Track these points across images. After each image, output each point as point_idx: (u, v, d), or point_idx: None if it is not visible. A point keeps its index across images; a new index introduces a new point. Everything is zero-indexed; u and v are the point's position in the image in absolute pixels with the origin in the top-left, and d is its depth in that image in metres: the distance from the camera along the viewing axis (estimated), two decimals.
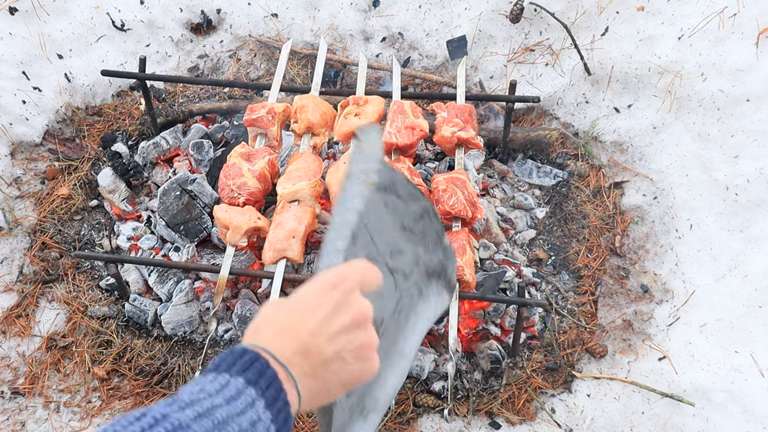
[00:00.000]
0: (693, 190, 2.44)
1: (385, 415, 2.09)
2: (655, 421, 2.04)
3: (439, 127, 2.30)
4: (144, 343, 2.29)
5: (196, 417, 0.58)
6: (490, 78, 2.87)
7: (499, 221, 2.48)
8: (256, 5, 3.12)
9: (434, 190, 2.16)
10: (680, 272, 2.33)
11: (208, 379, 0.64)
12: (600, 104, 2.71)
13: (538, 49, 2.84)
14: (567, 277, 2.42)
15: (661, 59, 2.61)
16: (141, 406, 2.15)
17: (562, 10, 2.78)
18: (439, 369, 2.18)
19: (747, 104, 2.43)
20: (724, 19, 2.55)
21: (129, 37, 3.03)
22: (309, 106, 2.32)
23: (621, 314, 2.31)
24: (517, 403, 2.13)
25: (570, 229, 2.52)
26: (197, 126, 2.71)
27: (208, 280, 2.35)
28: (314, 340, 0.67)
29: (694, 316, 2.22)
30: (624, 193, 2.56)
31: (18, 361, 2.28)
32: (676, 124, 2.55)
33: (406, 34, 3.01)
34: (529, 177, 2.63)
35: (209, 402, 0.60)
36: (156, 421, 0.56)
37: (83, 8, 2.98)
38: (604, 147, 2.66)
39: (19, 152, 2.73)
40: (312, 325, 0.67)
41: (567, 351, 2.23)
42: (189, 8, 3.12)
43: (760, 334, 2.13)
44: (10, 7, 2.84)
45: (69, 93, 2.86)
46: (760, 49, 2.46)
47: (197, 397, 0.60)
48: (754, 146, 2.39)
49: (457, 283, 1.97)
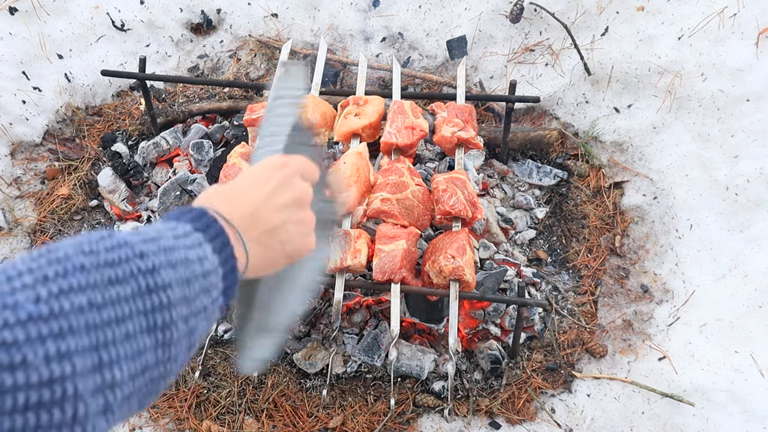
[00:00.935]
0: (693, 190, 2.44)
1: (385, 415, 2.09)
2: (655, 421, 2.04)
3: (439, 127, 2.30)
4: None
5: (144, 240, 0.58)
6: (490, 78, 2.87)
7: (499, 221, 2.47)
8: (256, 5, 3.12)
9: (434, 190, 2.16)
10: (680, 272, 2.33)
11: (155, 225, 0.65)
12: (600, 104, 2.71)
13: (538, 49, 2.84)
14: (567, 277, 2.42)
15: (661, 59, 2.61)
16: None
17: (562, 10, 2.78)
18: (439, 369, 2.18)
19: (747, 104, 2.43)
20: (724, 19, 2.55)
21: (129, 37, 3.03)
22: (309, 106, 2.32)
23: (621, 314, 2.31)
24: (517, 403, 2.13)
25: (570, 229, 2.52)
26: (197, 126, 2.71)
27: None
28: (262, 208, 0.72)
29: (694, 316, 2.22)
30: (624, 193, 2.56)
31: None
32: (676, 124, 2.55)
33: (406, 34, 3.01)
34: (529, 177, 2.63)
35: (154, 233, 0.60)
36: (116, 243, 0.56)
37: (83, 8, 2.98)
38: (604, 147, 2.66)
39: (19, 152, 2.73)
40: (261, 195, 0.73)
41: (567, 351, 2.23)
42: (189, 8, 3.12)
43: (760, 334, 2.13)
44: (10, 7, 2.84)
45: (69, 93, 2.86)
46: (760, 49, 2.46)
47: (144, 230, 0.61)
48: (754, 146, 2.39)
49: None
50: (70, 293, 0.47)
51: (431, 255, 2.03)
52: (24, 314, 0.43)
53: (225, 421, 2.11)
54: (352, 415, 2.11)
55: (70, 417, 0.44)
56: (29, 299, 0.44)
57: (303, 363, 2.18)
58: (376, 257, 2.00)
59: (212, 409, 2.13)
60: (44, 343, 0.43)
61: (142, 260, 0.55)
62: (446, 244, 2.01)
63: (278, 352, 0.90)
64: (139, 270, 0.55)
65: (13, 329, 0.42)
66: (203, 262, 0.62)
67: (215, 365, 2.22)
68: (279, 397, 2.14)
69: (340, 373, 2.19)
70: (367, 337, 2.18)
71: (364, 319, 2.24)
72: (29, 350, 0.42)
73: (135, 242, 0.57)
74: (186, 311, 0.59)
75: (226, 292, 0.66)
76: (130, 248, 0.56)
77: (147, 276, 0.55)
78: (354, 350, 2.18)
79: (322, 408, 2.13)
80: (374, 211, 2.10)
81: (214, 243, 0.65)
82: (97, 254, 0.52)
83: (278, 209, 0.73)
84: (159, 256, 0.57)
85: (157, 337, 0.55)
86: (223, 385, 2.18)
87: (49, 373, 0.43)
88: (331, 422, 2.09)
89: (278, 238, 0.73)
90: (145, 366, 0.54)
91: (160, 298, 0.55)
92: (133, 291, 0.53)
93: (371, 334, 2.17)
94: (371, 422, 2.09)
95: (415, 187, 2.15)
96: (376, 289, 2.07)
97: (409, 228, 2.09)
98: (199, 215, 0.66)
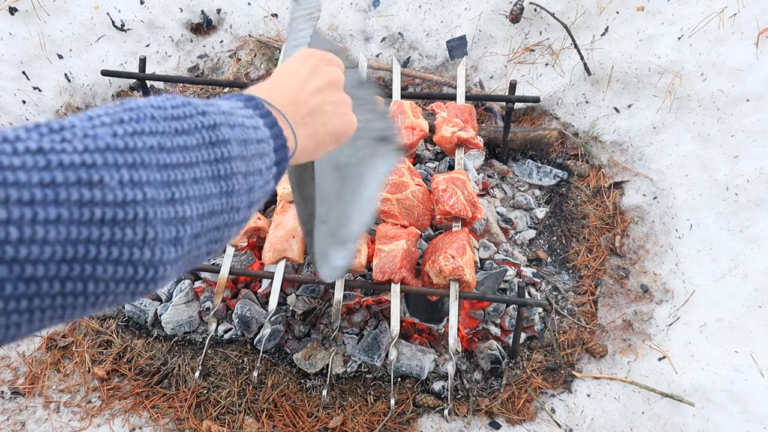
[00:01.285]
0: (693, 190, 2.44)
1: (385, 415, 2.09)
2: (655, 421, 2.04)
3: (439, 127, 2.30)
4: (144, 343, 2.29)
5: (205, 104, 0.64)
6: (490, 78, 2.87)
7: (499, 221, 2.47)
8: (256, 5, 3.12)
9: (434, 190, 2.16)
10: (680, 272, 2.33)
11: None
12: (600, 104, 2.71)
13: (538, 49, 2.84)
14: (567, 277, 2.42)
15: (661, 59, 2.61)
16: (141, 406, 2.15)
17: (562, 10, 2.78)
18: (439, 369, 2.18)
19: (747, 104, 2.43)
20: (724, 19, 2.55)
21: (129, 37, 3.03)
22: None
23: (621, 314, 2.31)
24: (517, 403, 2.13)
25: (570, 229, 2.52)
26: None
27: (208, 280, 2.35)
28: (299, 94, 0.78)
29: (694, 316, 2.22)
30: (624, 193, 2.56)
31: (18, 361, 2.28)
32: (676, 124, 2.55)
33: (406, 34, 3.01)
34: (529, 177, 2.63)
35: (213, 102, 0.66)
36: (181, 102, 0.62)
37: (83, 8, 2.98)
38: (604, 147, 2.66)
39: None
40: (295, 85, 0.79)
41: (567, 351, 2.23)
42: (189, 8, 3.12)
43: (760, 334, 2.13)
44: (10, 7, 2.84)
45: (69, 93, 2.86)
46: (760, 49, 2.46)
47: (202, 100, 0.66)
48: (754, 146, 2.39)
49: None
50: (143, 135, 0.53)
51: (431, 255, 2.03)
52: (103, 144, 0.49)
53: (225, 421, 2.11)
54: (352, 415, 2.11)
55: (140, 238, 0.50)
56: (107, 133, 0.50)
57: (303, 363, 2.18)
58: (376, 257, 2.01)
59: (212, 409, 2.13)
60: (119, 170, 0.49)
61: (204, 117, 0.61)
62: (446, 244, 2.01)
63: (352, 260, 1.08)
64: (203, 125, 0.60)
65: (93, 154, 0.48)
66: (257, 130, 0.67)
67: (215, 365, 2.22)
68: (279, 397, 2.14)
69: (340, 373, 2.19)
70: (367, 337, 2.18)
71: (364, 319, 2.24)
72: (106, 173, 0.48)
73: (197, 103, 0.62)
74: (244, 168, 0.64)
75: (278, 165, 0.71)
76: (194, 107, 0.61)
77: (209, 130, 0.61)
78: (354, 350, 2.18)
79: (322, 408, 2.13)
80: None
81: (265, 120, 0.70)
82: (164, 109, 0.58)
83: (313, 93, 0.79)
84: (219, 116, 0.63)
85: (220, 186, 0.60)
86: (223, 385, 2.18)
87: (123, 195, 0.49)
88: (331, 422, 2.09)
89: (319, 120, 0.79)
90: (211, 210, 0.59)
91: (221, 151, 0.61)
92: (198, 142, 0.59)
93: (371, 334, 2.17)
94: (371, 422, 2.09)
95: (415, 187, 2.15)
96: (376, 289, 2.07)
97: (409, 228, 2.09)
98: (249, 98, 0.71)
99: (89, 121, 0.51)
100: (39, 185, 0.44)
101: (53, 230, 0.44)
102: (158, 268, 0.53)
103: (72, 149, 0.47)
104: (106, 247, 0.48)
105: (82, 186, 0.46)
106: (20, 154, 0.44)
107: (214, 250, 0.63)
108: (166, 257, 0.53)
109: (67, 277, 0.46)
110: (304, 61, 0.83)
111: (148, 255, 0.51)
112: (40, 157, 0.45)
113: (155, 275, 0.53)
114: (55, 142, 0.46)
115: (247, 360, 2.23)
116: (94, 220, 0.46)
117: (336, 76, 0.83)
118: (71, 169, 0.46)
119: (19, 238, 0.42)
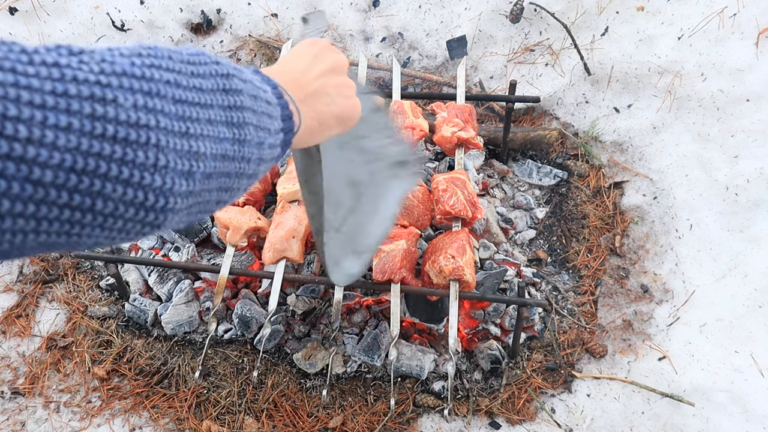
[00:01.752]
0: (693, 190, 2.44)
1: (385, 415, 2.09)
2: (655, 421, 2.04)
3: (439, 127, 2.30)
4: (144, 343, 2.29)
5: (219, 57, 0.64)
6: (490, 78, 2.87)
7: (499, 221, 2.48)
8: (256, 5, 3.12)
9: (434, 190, 2.16)
10: (680, 272, 2.33)
11: None
12: (600, 104, 2.71)
13: (538, 49, 2.84)
14: (567, 277, 2.42)
15: (661, 59, 2.61)
16: (141, 406, 2.15)
17: (562, 10, 2.79)
18: (439, 369, 2.18)
19: (747, 104, 2.43)
20: (724, 19, 2.55)
21: (129, 37, 3.03)
22: None
23: (621, 314, 2.31)
24: (517, 403, 2.13)
25: (570, 229, 2.52)
26: None
27: (208, 280, 2.35)
28: (303, 77, 0.79)
29: (694, 316, 2.22)
30: (624, 193, 2.56)
31: (18, 361, 2.28)
32: (676, 124, 2.56)
33: (406, 34, 3.01)
34: (529, 177, 2.63)
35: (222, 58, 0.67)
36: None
37: (83, 8, 2.98)
38: (604, 147, 2.66)
39: None
40: (299, 67, 0.80)
41: (567, 351, 2.23)
42: (189, 8, 3.12)
43: (760, 334, 2.13)
44: (10, 7, 2.83)
45: None
46: (760, 49, 2.46)
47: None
48: (754, 146, 2.39)
49: (463, 285, 1.96)
50: (161, 69, 0.53)
51: (431, 255, 2.03)
52: (120, 68, 0.49)
53: (225, 421, 2.11)
54: (352, 415, 2.11)
55: (152, 163, 0.50)
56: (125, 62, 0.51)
57: (303, 363, 2.18)
58: (376, 257, 2.01)
59: (212, 409, 2.13)
60: (134, 94, 0.49)
61: (218, 66, 0.61)
62: (446, 244, 2.01)
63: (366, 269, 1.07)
64: (217, 73, 0.61)
65: (109, 76, 0.48)
66: (266, 92, 0.68)
67: (215, 365, 2.22)
68: (279, 397, 2.14)
69: (340, 373, 2.19)
70: (367, 337, 2.18)
71: (364, 319, 2.24)
72: (120, 94, 0.48)
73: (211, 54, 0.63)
74: (255, 121, 0.64)
75: (285, 134, 0.71)
76: (208, 57, 0.62)
77: (223, 78, 0.61)
78: (354, 350, 2.18)
79: (322, 408, 2.13)
80: None
81: (273, 90, 0.70)
82: (180, 53, 0.58)
83: (317, 77, 0.80)
84: (232, 69, 0.63)
85: (234, 132, 0.60)
86: (223, 385, 2.18)
87: (136, 118, 0.49)
88: (331, 422, 2.09)
89: (322, 101, 0.79)
90: (224, 153, 0.59)
91: (234, 99, 0.61)
92: (212, 87, 0.59)
93: (371, 334, 2.17)
94: (371, 422, 2.09)
95: (415, 187, 2.15)
96: (376, 289, 2.07)
97: (409, 228, 2.09)
98: (255, 71, 0.71)
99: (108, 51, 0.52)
100: (51, 93, 0.44)
101: (63, 137, 0.44)
102: (168, 197, 0.52)
103: (88, 69, 0.47)
104: (117, 166, 0.47)
105: (95, 101, 0.46)
106: (36, 64, 0.44)
107: (223, 200, 0.63)
108: (177, 188, 0.53)
109: (76, 189, 0.46)
110: (308, 47, 0.84)
111: (159, 181, 0.51)
112: (55, 69, 0.45)
113: (165, 205, 0.52)
114: (73, 60, 0.47)
115: (247, 360, 2.23)
116: (106, 136, 0.46)
117: (339, 61, 0.84)
118: (85, 84, 0.46)
119: (27, 138, 0.42)
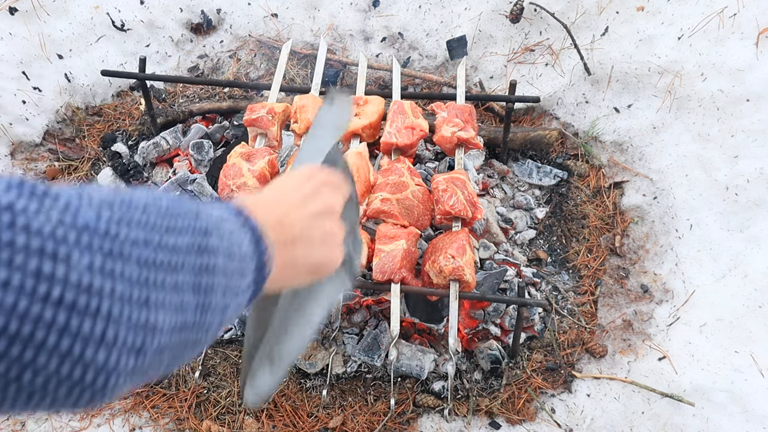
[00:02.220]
0: (693, 190, 2.44)
1: (385, 415, 2.09)
2: (655, 421, 2.04)
3: (439, 127, 2.30)
4: None
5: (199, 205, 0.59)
6: (490, 78, 2.87)
7: (499, 221, 2.48)
8: (256, 5, 3.12)
9: (434, 190, 2.16)
10: (680, 272, 2.33)
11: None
12: (600, 104, 2.71)
13: (538, 49, 2.84)
14: (567, 277, 2.42)
15: (661, 59, 2.61)
16: (141, 406, 2.15)
17: (562, 10, 2.78)
18: (439, 369, 2.18)
19: (747, 104, 2.43)
20: (724, 19, 2.55)
21: (129, 37, 3.03)
22: (309, 106, 2.33)
23: (621, 314, 2.31)
24: (517, 403, 2.13)
25: (570, 229, 2.52)
26: (197, 126, 2.71)
27: None
28: (290, 214, 0.71)
29: (694, 316, 2.22)
30: (624, 193, 2.56)
31: None
32: (676, 124, 2.55)
33: (406, 34, 3.01)
34: (529, 177, 2.63)
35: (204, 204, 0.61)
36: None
37: (83, 8, 2.98)
38: (604, 147, 2.66)
39: (19, 152, 2.73)
40: (291, 200, 0.73)
41: (567, 351, 2.23)
42: (189, 8, 3.12)
43: (760, 334, 2.13)
44: (10, 7, 2.84)
45: (69, 93, 2.86)
46: (760, 49, 2.46)
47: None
48: (754, 146, 2.39)
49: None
50: (131, 224, 0.48)
51: (431, 255, 2.03)
52: (82, 222, 0.44)
53: (225, 421, 2.11)
54: (352, 415, 2.11)
55: (99, 334, 0.43)
56: (91, 213, 0.45)
57: (303, 363, 2.19)
58: (376, 257, 2.01)
59: (212, 409, 2.14)
60: (92, 254, 0.43)
61: (197, 220, 0.55)
62: (446, 244, 2.01)
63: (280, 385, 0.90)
64: (196, 228, 0.55)
65: (68, 229, 0.43)
66: (242, 245, 0.61)
67: (215, 365, 2.22)
68: (279, 397, 2.14)
69: (340, 373, 2.19)
70: (367, 337, 2.18)
71: (364, 319, 2.24)
72: (76, 251, 0.42)
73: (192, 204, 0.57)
74: (224, 284, 0.57)
75: (256, 285, 0.64)
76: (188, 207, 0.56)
77: (201, 235, 0.55)
78: (354, 350, 2.18)
79: (322, 408, 2.13)
80: (374, 211, 2.10)
81: (251, 235, 0.64)
82: (158, 203, 0.53)
83: (305, 217, 0.73)
84: (212, 221, 0.57)
85: (198, 299, 0.53)
86: (223, 385, 2.18)
87: (88, 281, 0.42)
88: (331, 422, 2.09)
89: (303, 247, 0.72)
90: (183, 324, 0.52)
91: (208, 261, 0.55)
92: (187, 245, 0.53)
93: (371, 334, 2.17)
94: (371, 422, 2.09)
95: (415, 187, 2.15)
96: (376, 289, 2.07)
97: (409, 228, 2.09)
98: (238, 209, 0.66)
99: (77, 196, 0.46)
100: None
101: None
102: (110, 377, 0.45)
103: (45, 217, 0.42)
104: (57, 336, 0.41)
105: (44, 257, 0.40)
106: None
107: (168, 371, 0.55)
108: (122, 366, 0.46)
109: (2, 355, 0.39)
110: (304, 181, 0.77)
111: (102, 358, 0.44)
112: (7, 213, 0.40)
113: (105, 385, 0.45)
114: (32, 205, 0.42)
115: None
116: (50, 299, 0.40)
117: (334, 203, 0.77)
118: (38, 235, 0.41)
119: None
